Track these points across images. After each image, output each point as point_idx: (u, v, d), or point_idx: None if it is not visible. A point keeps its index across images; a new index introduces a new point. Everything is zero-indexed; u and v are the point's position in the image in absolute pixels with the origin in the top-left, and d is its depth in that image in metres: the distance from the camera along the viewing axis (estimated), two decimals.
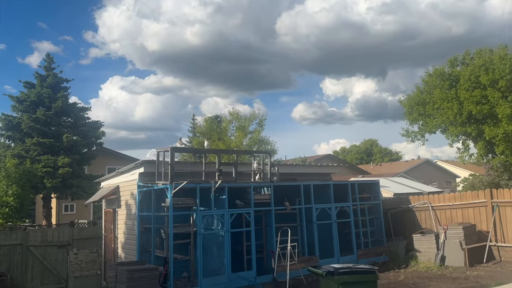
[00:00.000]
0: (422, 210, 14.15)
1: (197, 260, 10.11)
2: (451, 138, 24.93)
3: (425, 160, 56.73)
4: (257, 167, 11.93)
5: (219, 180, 10.55)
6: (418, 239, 13.00)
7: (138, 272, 9.24)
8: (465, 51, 25.16)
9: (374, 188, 14.17)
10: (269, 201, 11.48)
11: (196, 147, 25.19)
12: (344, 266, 5.51)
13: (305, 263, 11.72)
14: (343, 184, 13.52)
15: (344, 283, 5.10)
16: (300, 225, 12.16)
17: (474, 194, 13.14)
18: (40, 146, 26.88)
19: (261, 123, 25.99)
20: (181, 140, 10.90)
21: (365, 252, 13.11)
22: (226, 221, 10.59)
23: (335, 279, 5.23)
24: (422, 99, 26.00)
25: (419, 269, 12.02)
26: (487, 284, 9.30)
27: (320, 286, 5.97)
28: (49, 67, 29.91)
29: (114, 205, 13.13)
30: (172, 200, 9.84)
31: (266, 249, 11.65)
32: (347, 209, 13.08)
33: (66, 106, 28.59)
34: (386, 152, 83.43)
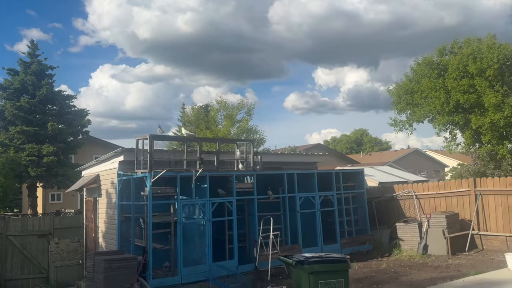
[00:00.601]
0: (406, 199, 14.13)
1: (177, 250, 9.98)
2: (439, 128, 24.97)
3: (414, 150, 57.02)
4: (240, 156, 11.77)
5: (200, 168, 10.39)
6: (402, 228, 12.99)
7: (116, 262, 9.09)
8: (453, 40, 25.10)
9: (359, 177, 14.10)
10: (252, 190, 11.36)
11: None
12: (315, 255, 5.39)
13: (288, 252, 11.63)
14: (327, 173, 13.43)
15: (315, 273, 4.99)
16: (284, 214, 12.07)
17: (458, 183, 13.13)
18: (24, 134, 26.45)
19: (249, 112, 25.85)
20: (160, 128, 10.71)
21: (349, 240, 13.08)
22: (207, 210, 10.46)
23: (305, 269, 5.11)
24: (411, 88, 25.96)
25: (402, 258, 12.02)
26: (468, 273, 9.29)
27: (291, 276, 5.87)
28: (34, 54, 29.33)
29: (95, 194, 12.92)
30: (151, 189, 9.67)
31: (249, 238, 11.55)
32: (331, 198, 13.01)
33: (51, 94, 28.11)
34: (376, 142, 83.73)
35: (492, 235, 12.07)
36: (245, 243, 11.57)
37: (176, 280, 9.79)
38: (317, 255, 5.38)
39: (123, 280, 8.97)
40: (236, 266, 10.76)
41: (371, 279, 9.51)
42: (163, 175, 9.96)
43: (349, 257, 5.91)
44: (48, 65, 29.58)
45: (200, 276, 10.01)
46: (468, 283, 8.43)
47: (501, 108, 20.52)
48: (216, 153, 10.92)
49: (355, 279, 9.52)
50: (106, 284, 8.80)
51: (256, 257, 10.84)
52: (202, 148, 10.53)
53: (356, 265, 11.15)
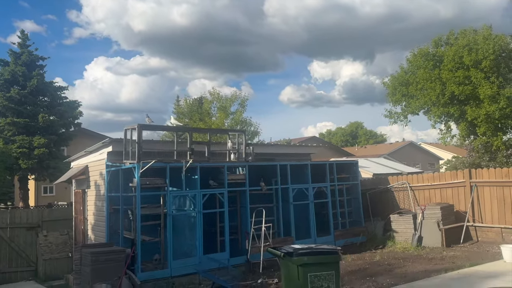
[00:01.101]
0: (400, 191, 13.97)
1: (167, 242, 9.76)
2: (434, 119, 24.83)
3: (409, 143, 57.00)
4: (232, 147, 11.53)
5: (190, 159, 10.14)
6: (396, 220, 12.83)
7: (103, 254, 8.86)
8: (449, 31, 24.88)
9: (353, 168, 13.91)
10: (244, 182, 11.13)
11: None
12: (305, 247, 5.17)
13: (281, 244, 11.36)
14: (321, 164, 13.22)
15: (304, 265, 4.76)
16: (276, 206, 11.87)
17: (453, 174, 12.97)
18: (15, 126, 26.03)
19: (243, 104, 25.55)
20: (148, 117, 10.42)
21: (343, 232, 12.91)
22: (198, 202, 10.22)
23: (294, 260, 4.89)
24: (406, 79, 25.77)
25: (396, 250, 11.87)
26: (462, 265, 9.14)
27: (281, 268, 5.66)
28: (24, 45, 28.80)
29: (83, 185, 12.66)
30: (140, 180, 9.42)
31: (241, 230, 11.35)
32: (324, 189, 12.81)
33: (42, 85, 27.63)
34: (371, 135, 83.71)
35: (487, 227, 11.93)
36: (237, 235, 11.37)
37: (165, 273, 9.58)
38: (306, 247, 5.16)
39: (111, 273, 8.74)
40: (228, 258, 10.56)
41: (364, 271, 9.34)
42: (152, 166, 9.70)
43: (340, 248, 5.69)
44: (39, 55, 29.06)
45: (191, 269, 9.80)
46: (463, 275, 8.29)
47: (497, 100, 20.39)
48: (207, 144, 10.67)
49: (348, 272, 9.36)
50: (93, 277, 8.57)
51: (248, 249, 10.65)
52: (192, 139, 10.27)
53: (350, 257, 10.99)
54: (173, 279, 9.55)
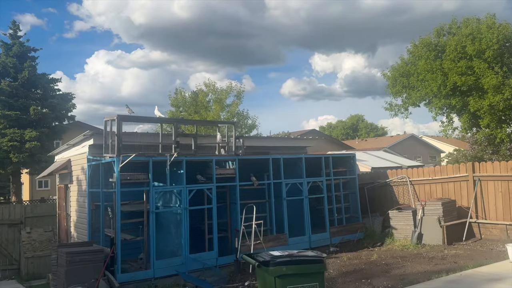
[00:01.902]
0: (400, 185, 13.34)
1: (150, 241, 9.15)
2: (435, 111, 24.15)
3: (411, 135, 56.25)
4: (221, 140, 10.90)
5: (175, 153, 9.51)
6: (395, 216, 12.21)
7: (79, 254, 8.26)
8: (452, 20, 24.11)
9: (350, 162, 13.27)
10: (234, 176, 10.51)
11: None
12: (285, 254, 4.52)
13: (273, 242, 10.90)
14: (316, 157, 12.58)
15: (282, 276, 4.10)
16: (269, 202, 11.26)
17: (455, 168, 12.31)
18: (6, 118, 25.44)
19: (239, 96, 24.83)
20: (128, 108, 9.78)
21: (339, 229, 12.31)
22: (183, 198, 9.60)
23: (270, 271, 4.23)
24: (407, 70, 25.06)
25: (394, 248, 11.26)
26: (465, 265, 8.53)
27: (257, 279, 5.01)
28: (15, 36, 28.18)
29: (66, 180, 12.06)
30: (119, 175, 8.79)
31: (231, 227, 10.73)
32: (320, 184, 12.19)
33: (33, 77, 27.01)
34: (372, 128, 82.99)
35: (492, 224, 11.29)
36: (227, 233, 10.76)
37: (148, 274, 8.98)
38: (286, 254, 4.50)
39: (88, 275, 8.16)
40: (216, 258, 9.97)
41: (360, 272, 8.73)
42: (134, 160, 9.09)
43: (325, 255, 5.02)
44: (31, 47, 28.44)
45: (176, 269, 9.20)
46: (466, 277, 7.67)
47: (501, 90, 19.67)
48: (194, 136, 10.03)
49: (343, 273, 8.76)
50: (68, 279, 7.98)
51: (238, 248, 10.04)
52: (177, 131, 9.63)
53: (346, 256, 10.38)
54: (156, 281, 8.96)
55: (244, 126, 25.05)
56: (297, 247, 11.27)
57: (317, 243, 11.71)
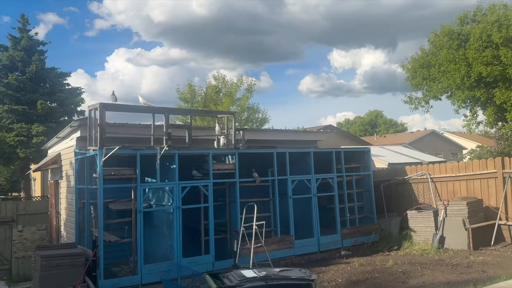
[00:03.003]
0: (420, 183, 12.13)
1: (137, 243, 8.25)
2: (458, 104, 22.72)
3: (431, 131, 54.27)
4: (220, 131, 9.92)
5: (166, 145, 8.57)
6: (414, 216, 11.06)
7: (56, 258, 7.43)
8: (476, 6, 22.61)
9: (364, 157, 12.13)
10: (233, 172, 9.53)
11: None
12: (260, 276, 3.49)
13: (277, 244, 9.92)
14: (326, 152, 11.49)
15: None
16: (273, 200, 10.25)
17: (482, 164, 11.06)
18: (13, 113, 24.98)
19: (250, 89, 23.81)
20: (113, 94, 8.87)
21: (351, 231, 11.22)
22: (175, 196, 8.68)
23: None
24: (427, 61, 23.65)
25: (413, 252, 10.13)
26: (496, 275, 7.37)
27: None
28: (24, 29, 27.66)
29: (57, 176, 11.28)
30: (102, 170, 7.90)
31: (230, 228, 9.76)
32: (330, 181, 11.11)
33: (41, 71, 26.47)
34: (391, 124, 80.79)
35: None
36: (226, 235, 9.79)
37: (135, 280, 8.09)
38: (262, 276, 3.47)
39: (66, 281, 7.33)
40: (213, 262, 9.03)
41: (372, 282, 7.66)
42: (122, 154, 8.22)
43: (315, 277, 3.97)
44: (39, 40, 27.94)
45: (164, 275, 8.28)
46: None
47: None
48: (188, 127, 9.06)
49: (352, 282, 7.70)
50: (42, 285, 7.13)
51: (237, 251, 9.08)
52: (169, 121, 8.69)
53: (357, 262, 9.30)
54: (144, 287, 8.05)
55: (255, 121, 24.07)
56: (304, 250, 10.31)
57: (326, 246, 10.67)
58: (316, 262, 10.01)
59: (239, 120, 23.60)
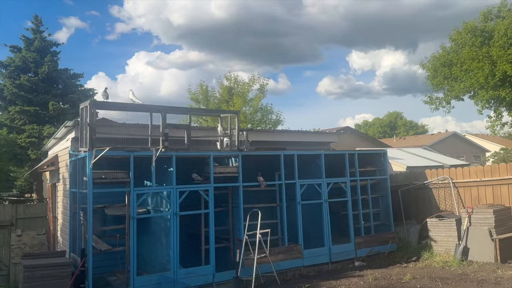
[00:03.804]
0: (441, 188, 11.24)
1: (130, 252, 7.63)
2: (481, 104, 21.63)
3: (453, 133, 52.65)
4: (223, 132, 9.25)
5: (163, 147, 7.94)
6: (434, 225, 10.19)
7: (41, 268, 6.84)
8: (501, 2, 21.48)
9: (380, 159, 11.30)
10: (237, 175, 8.84)
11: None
12: None
13: (284, 254, 9.20)
14: (339, 154, 10.70)
15: None
16: (280, 206, 9.52)
17: (510, 167, 10.12)
18: (25, 114, 24.87)
19: (262, 89, 23.10)
20: (105, 91, 8.31)
21: (366, 239, 10.42)
22: (172, 201, 8.03)
23: None
24: (449, 60, 22.61)
25: (433, 264, 9.27)
26: None
27: None
28: (37, 30, 27.61)
29: (54, 178, 10.78)
30: (92, 173, 7.31)
31: (234, 236, 9.06)
32: (343, 185, 10.33)
33: (54, 72, 26.34)
34: (412, 125, 79.03)
35: None
36: (228, 243, 9.09)
37: None
38: None
39: None
40: (212, 273, 8.35)
41: None
42: (115, 156, 7.64)
43: None
44: (53, 41, 27.88)
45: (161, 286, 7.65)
46: None
47: None
48: (187, 128, 8.40)
49: None
50: None
51: (239, 262, 8.39)
52: (166, 121, 8.04)
53: (372, 275, 8.49)
54: None
55: (269, 122, 23.36)
56: (314, 260, 9.56)
57: (338, 256, 9.88)
58: (327, 274, 9.24)
59: (252, 121, 22.94)
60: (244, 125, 21.58)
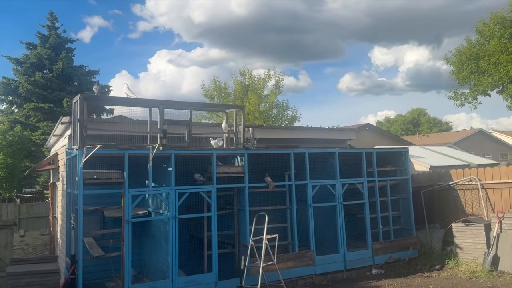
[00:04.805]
0: (468, 189, 10.32)
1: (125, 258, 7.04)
2: (511, 100, 20.42)
3: (478, 130, 50.78)
4: (228, 129, 8.58)
5: (160, 144, 7.32)
6: (460, 230, 9.31)
7: (25, 276, 6.31)
8: None
9: (401, 158, 10.45)
10: (242, 176, 8.16)
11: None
12: None
13: (294, 261, 8.49)
14: (355, 152, 9.91)
15: None
16: (290, 209, 8.80)
17: None
18: (39, 111, 24.80)
19: (278, 85, 22.34)
20: (97, 85, 7.74)
21: (385, 245, 9.61)
22: (171, 203, 7.41)
23: None
24: (475, 53, 21.43)
25: (459, 274, 8.42)
26: None
27: None
28: (52, 27, 27.56)
29: (55, 177, 10.33)
30: (82, 172, 6.75)
31: (239, 241, 8.40)
32: (359, 186, 9.54)
33: (68, 69, 26.21)
34: (435, 122, 76.85)
35: None
36: (234, 248, 8.43)
37: None
38: None
39: None
40: (215, 282, 7.70)
41: None
42: (110, 154, 7.07)
43: None
44: (68, 38, 27.80)
45: None
46: None
47: None
48: (187, 124, 7.76)
49: None
50: None
51: (244, 269, 7.71)
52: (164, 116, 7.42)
53: (390, 286, 7.70)
54: None
55: (285, 119, 22.61)
56: (327, 268, 8.81)
57: (354, 264, 9.11)
58: (341, 283, 8.50)
59: (268, 118, 22.24)
60: (259, 122, 20.90)
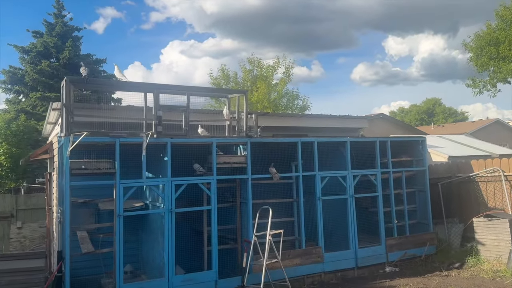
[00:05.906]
0: (490, 181, 9.58)
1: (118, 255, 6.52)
2: None
3: (495, 120, 49.30)
4: (230, 116, 7.97)
5: (155, 132, 6.75)
6: (482, 225, 8.61)
7: (8, 274, 5.82)
8: None
9: (418, 148, 9.73)
10: (245, 166, 7.56)
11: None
12: None
13: (301, 258, 7.90)
14: (368, 141, 9.23)
15: None
16: (297, 202, 8.19)
17: None
18: (46, 101, 24.34)
19: (287, 72, 21.60)
20: (84, 67, 7.20)
21: (399, 241, 8.95)
22: (167, 196, 6.86)
23: None
24: (495, 38, 20.40)
25: (481, 274, 7.74)
26: None
27: None
28: (59, 15, 27.05)
29: (51, 167, 9.85)
30: (69, 162, 6.21)
31: (242, 236, 7.82)
32: (372, 178, 8.87)
33: (75, 58, 25.72)
34: (451, 113, 75.22)
35: None
36: (236, 244, 7.86)
37: None
38: None
39: None
40: (215, 280, 7.15)
41: None
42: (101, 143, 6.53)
43: None
44: (74, 26, 27.27)
45: None
46: None
47: None
48: (184, 110, 7.16)
49: None
50: None
51: (246, 267, 7.14)
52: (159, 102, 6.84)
53: (405, 286, 7.06)
54: None
55: (295, 108, 21.92)
56: (336, 265, 8.21)
57: (366, 261, 8.48)
58: (352, 282, 7.89)
59: (277, 107, 21.56)
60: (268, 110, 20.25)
